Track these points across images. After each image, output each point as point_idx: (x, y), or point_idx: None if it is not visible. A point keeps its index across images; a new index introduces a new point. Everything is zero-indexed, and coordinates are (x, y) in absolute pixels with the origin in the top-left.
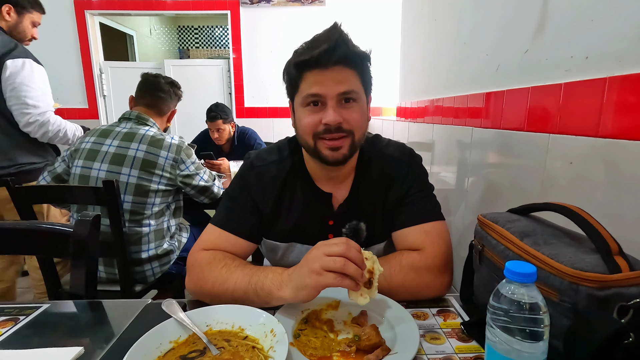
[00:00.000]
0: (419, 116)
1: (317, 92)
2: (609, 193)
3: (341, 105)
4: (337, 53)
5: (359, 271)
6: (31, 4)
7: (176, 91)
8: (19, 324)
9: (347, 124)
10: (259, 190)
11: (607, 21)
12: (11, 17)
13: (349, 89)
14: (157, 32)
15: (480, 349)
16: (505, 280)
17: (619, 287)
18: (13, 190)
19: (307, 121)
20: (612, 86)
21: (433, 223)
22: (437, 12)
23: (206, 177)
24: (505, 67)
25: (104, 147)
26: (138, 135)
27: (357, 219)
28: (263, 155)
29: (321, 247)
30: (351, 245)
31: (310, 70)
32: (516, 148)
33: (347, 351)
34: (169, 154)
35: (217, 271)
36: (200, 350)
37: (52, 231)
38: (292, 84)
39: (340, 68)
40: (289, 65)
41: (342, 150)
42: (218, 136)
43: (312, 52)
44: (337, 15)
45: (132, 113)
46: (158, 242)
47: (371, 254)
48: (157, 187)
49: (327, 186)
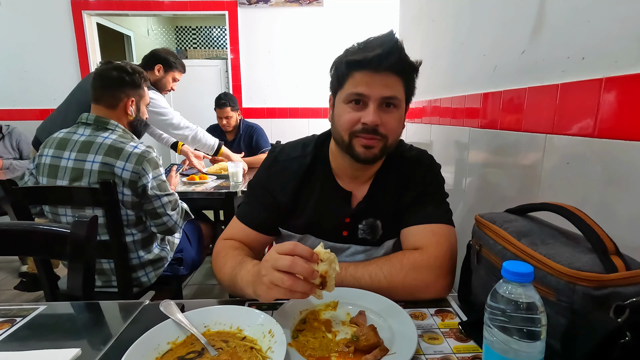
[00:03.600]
0: (416, 116)
1: (362, 92)
2: (606, 193)
3: (382, 109)
4: (389, 60)
5: (307, 286)
6: (176, 65)
7: (126, 76)
8: (16, 326)
9: (383, 128)
10: (279, 184)
11: (603, 22)
12: (160, 73)
13: (393, 95)
14: (155, 32)
15: (478, 348)
16: (502, 280)
17: (616, 286)
18: (9, 191)
19: (346, 118)
20: (609, 87)
21: (441, 225)
22: (435, 13)
23: (165, 200)
24: (502, 68)
25: (62, 161)
26: (95, 145)
27: (374, 217)
28: (287, 151)
29: (270, 260)
30: (297, 261)
31: (359, 70)
32: (513, 148)
33: (345, 351)
34: (127, 164)
35: (221, 259)
36: (198, 351)
37: (50, 232)
38: (338, 79)
39: (388, 74)
40: (339, 61)
41: (374, 150)
42: (226, 123)
43: (365, 53)
44: (335, 16)
45: (89, 117)
46: (147, 248)
47: (328, 254)
48: (122, 199)
49: (349, 185)
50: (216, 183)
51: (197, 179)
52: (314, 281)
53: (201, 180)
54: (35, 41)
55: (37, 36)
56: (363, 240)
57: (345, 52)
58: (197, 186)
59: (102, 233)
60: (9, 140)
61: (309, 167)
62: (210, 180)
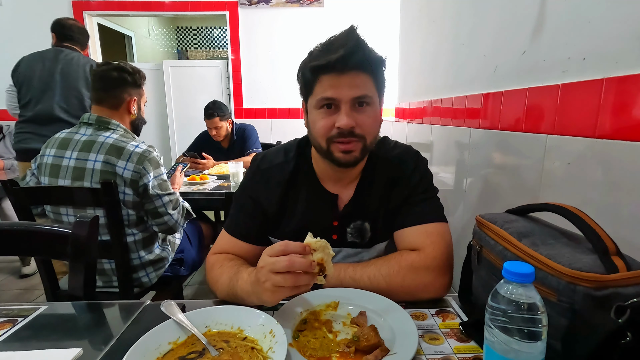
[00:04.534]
0: (417, 117)
1: (332, 96)
2: (606, 193)
3: (355, 109)
4: (353, 59)
5: (309, 277)
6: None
7: (127, 76)
8: (17, 326)
9: (359, 129)
10: (264, 193)
11: (604, 23)
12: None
13: (363, 94)
14: (156, 33)
15: (479, 349)
16: (503, 281)
17: (617, 287)
18: (11, 191)
19: (320, 125)
20: (609, 87)
21: (435, 224)
22: (436, 13)
23: (166, 200)
24: (503, 68)
25: (64, 160)
26: (97, 144)
27: (362, 220)
28: (269, 158)
29: (266, 264)
30: (294, 259)
31: (325, 74)
32: (514, 149)
33: (346, 352)
34: (128, 163)
35: (216, 271)
36: (199, 351)
37: (51, 232)
38: (306, 85)
39: (355, 73)
40: (304, 67)
41: (354, 153)
42: (216, 133)
43: (328, 56)
44: (335, 16)
45: (91, 117)
46: (148, 248)
47: (319, 242)
48: (123, 199)
49: (334, 187)
50: (216, 183)
51: (198, 180)
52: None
53: (202, 181)
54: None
55: (38, 37)
56: (353, 244)
57: (309, 55)
58: (197, 186)
59: (103, 233)
60: (9, 140)
61: (292, 173)
62: (210, 181)
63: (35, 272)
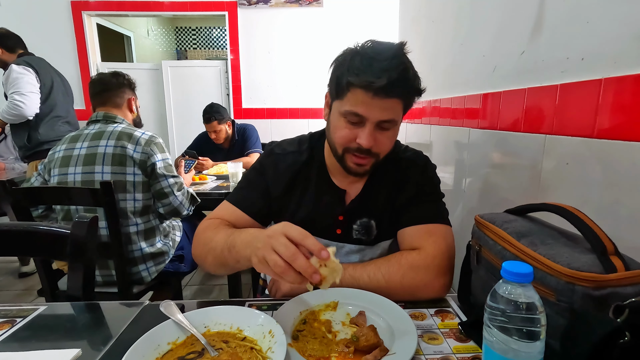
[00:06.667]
0: (416, 117)
1: (361, 113)
2: (605, 193)
3: (378, 129)
4: (394, 90)
5: (298, 279)
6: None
7: (124, 80)
8: (16, 326)
9: (377, 148)
10: (273, 174)
11: (602, 23)
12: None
13: (391, 118)
14: (155, 33)
15: (478, 349)
16: (502, 281)
17: (615, 286)
18: (10, 192)
19: (342, 134)
20: (608, 87)
21: (437, 225)
22: (435, 13)
23: (172, 181)
24: (501, 69)
25: (75, 151)
26: (107, 133)
27: (368, 217)
28: (283, 145)
29: (274, 237)
30: (299, 257)
31: (361, 89)
32: (513, 149)
33: (345, 352)
34: (137, 146)
35: (208, 233)
36: (199, 351)
37: (50, 232)
38: (337, 89)
39: (390, 98)
40: (340, 68)
41: (365, 167)
42: (216, 137)
43: (369, 77)
44: (335, 16)
45: (98, 114)
46: (150, 240)
47: (335, 262)
48: (133, 179)
49: (343, 182)
50: (215, 184)
51: (197, 180)
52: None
53: (201, 181)
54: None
55: (37, 37)
56: (357, 241)
57: (350, 61)
58: (196, 187)
59: (103, 234)
60: (10, 140)
61: (304, 163)
62: (210, 181)
63: (34, 271)
